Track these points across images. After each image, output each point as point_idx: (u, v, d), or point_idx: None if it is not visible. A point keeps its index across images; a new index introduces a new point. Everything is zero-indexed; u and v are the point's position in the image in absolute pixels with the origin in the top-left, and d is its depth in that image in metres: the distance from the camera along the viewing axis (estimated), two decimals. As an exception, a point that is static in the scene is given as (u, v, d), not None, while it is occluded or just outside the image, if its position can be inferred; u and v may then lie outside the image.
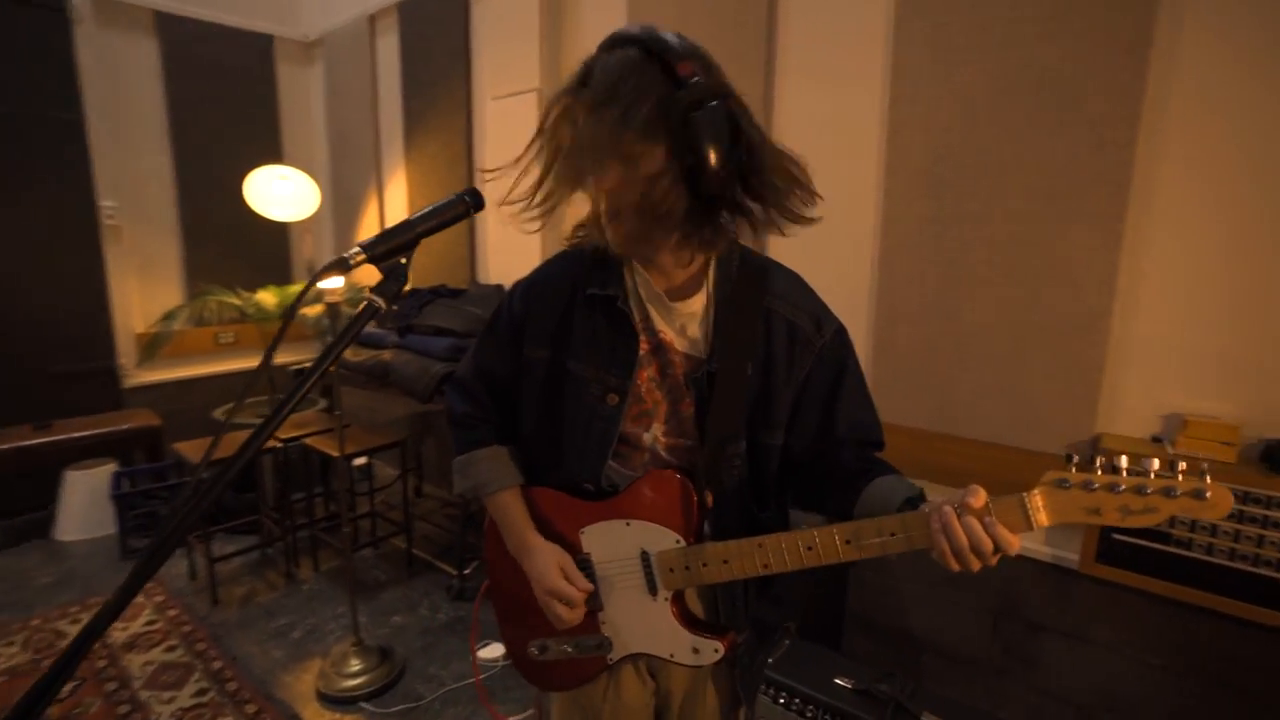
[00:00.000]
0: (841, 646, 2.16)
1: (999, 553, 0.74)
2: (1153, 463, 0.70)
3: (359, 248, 0.72)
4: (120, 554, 3.03)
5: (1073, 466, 0.73)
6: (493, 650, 2.34)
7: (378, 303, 0.71)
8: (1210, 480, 0.69)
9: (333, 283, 1.99)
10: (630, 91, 0.77)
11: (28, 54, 3.20)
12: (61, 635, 2.47)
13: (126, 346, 3.57)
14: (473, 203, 0.79)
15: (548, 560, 0.96)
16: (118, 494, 3.11)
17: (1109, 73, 1.61)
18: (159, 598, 2.70)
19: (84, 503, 3.20)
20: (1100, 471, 0.72)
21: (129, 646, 2.41)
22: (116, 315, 3.51)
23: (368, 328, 3.17)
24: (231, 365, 3.84)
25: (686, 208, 0.82)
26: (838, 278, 2.08)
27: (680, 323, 0.94)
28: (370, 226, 3.80)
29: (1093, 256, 1.67)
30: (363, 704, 2.12)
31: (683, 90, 0.77)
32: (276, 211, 3.55)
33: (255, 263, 3.92)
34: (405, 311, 2.89)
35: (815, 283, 1.02)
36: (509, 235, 3.02)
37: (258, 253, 3.94)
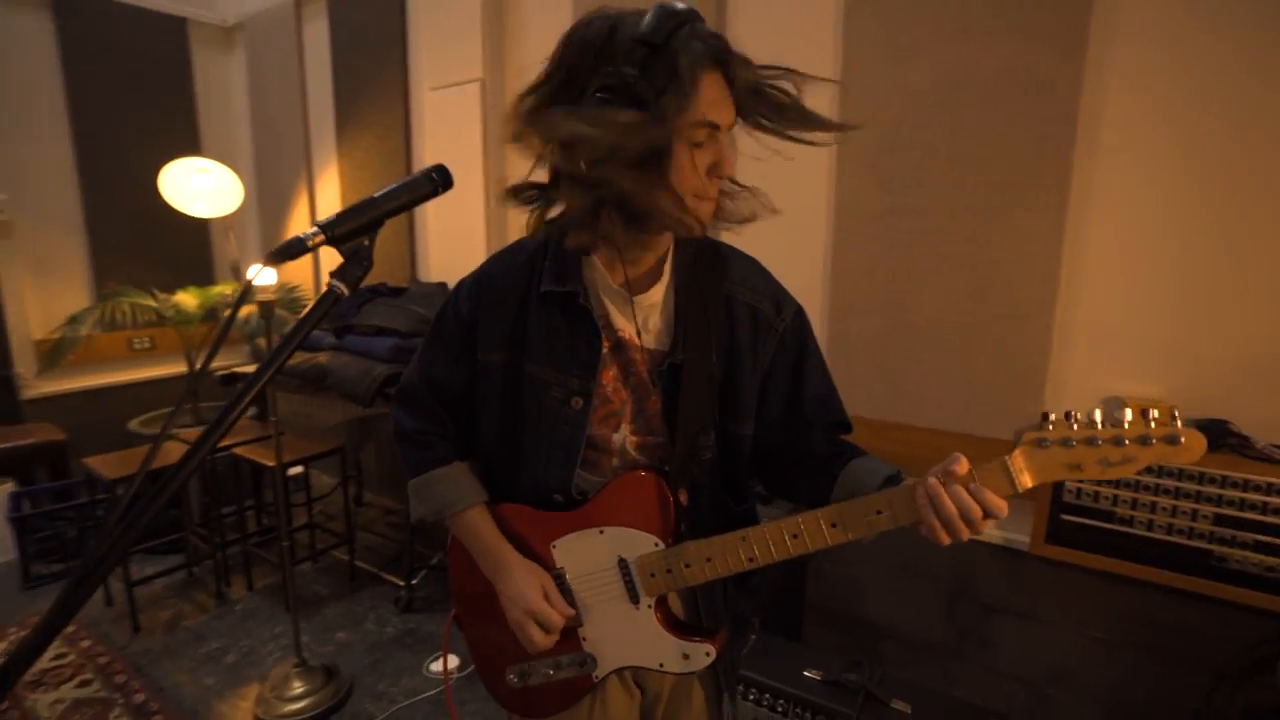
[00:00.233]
0: (801, 637, 2.18)
1: (988, 518, 0.73)
2: (1125, 413, 0.71)
3: (317, 227, 0.64)
4: (21, 582, 2.76)
5: (1049, 425, 0.73)
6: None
7: (340, 288, 0.65)
8: (1182, 425, 0.70)
9: (265, 279, 1.86)
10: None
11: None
12: (-46, 676, 2.22)
13: (24, 354, 3.26)
14: (440, 180, 0.72)
15: (529, 580, 0.90)
16: (16, 516, 2.83)
17: (1049, 70, 1.66)
18: (69, 628, 2.46)
19: (-23, 527, 2.90)
20: (1076, 427, 0.72)
21: (34, 684, 2.18)
22: (9, 319, 3.20)
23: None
24: (148, 372, 3.56)
25: None
26: (790, 271, 2.05)
27: (642, 316, 0.90)
28: (300, 223, 3.60)
29: (1037, 247, 1.73)
30: (307, 728, 1.99)
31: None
32: (196, 207, 3.32)
33: (173, 262, 3.65)
34: (342, 311, 2.74)
35: (767, 276, 1.00)
36: (452, 231, 2.91)
37: (175, 251, 3.67)
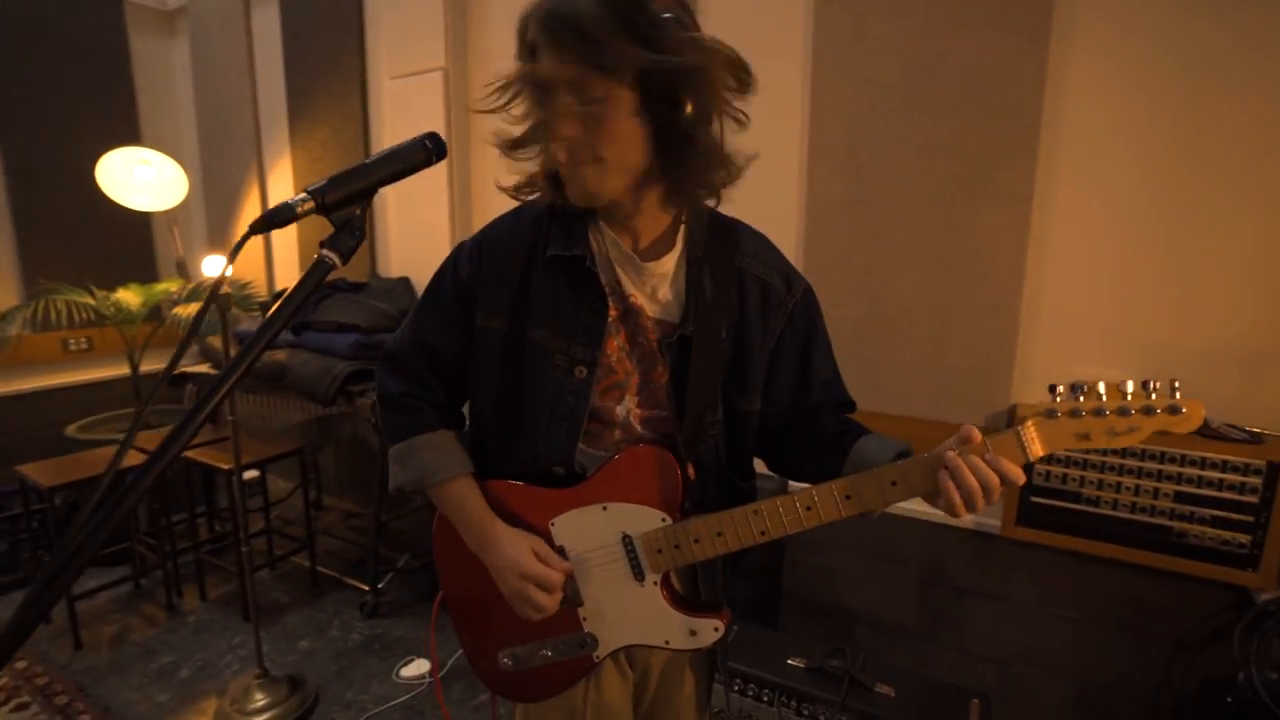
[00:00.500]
0: (779, 627, 2.18)
1: (1004, 487, 0.74)
2: (1129, 385, 0.73)
3: (307, 193, 0.60)
4: (-53, 600, 2.56)
5: (1057, 396, 0.75)
6: (417, 667, 2.17)
7: (331, 259, 0.60)
8: (1182, 395, 0.72)
9: (215, 270, 1.76)
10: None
11: None
12: (-128, 704, 2.04)
13: (-55, 356, 3.03)
14: (434, 149, 0.68)
15: (519, 545, 0.86)
16: (-59, 530, 2.63)
17: (1014, 65, 1.70)
18: None
19: (-105, 543, 2.68)
20: (1084, 399, 0.74)
21: (-34, 709, 2.03)
22: (-72, 318, 2.97)
23: (251, 325, 2.86)
24: (86, 374, 3.35)
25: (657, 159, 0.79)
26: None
27: (651, 285, 0.88)
28: (251, 216, 3.41)
29: (1004, 237, 1.77)
30: (271, 742, 1.90)
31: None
32: (137, 200, 3.14)
33: (111, 258, 3.44)
34: (300, 307, 2.63)
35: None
36: (414, 225, 2.83)
37: (114, 246, 3.47)
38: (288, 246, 3.34)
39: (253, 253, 3.45)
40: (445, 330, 0.92)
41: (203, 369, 2.82)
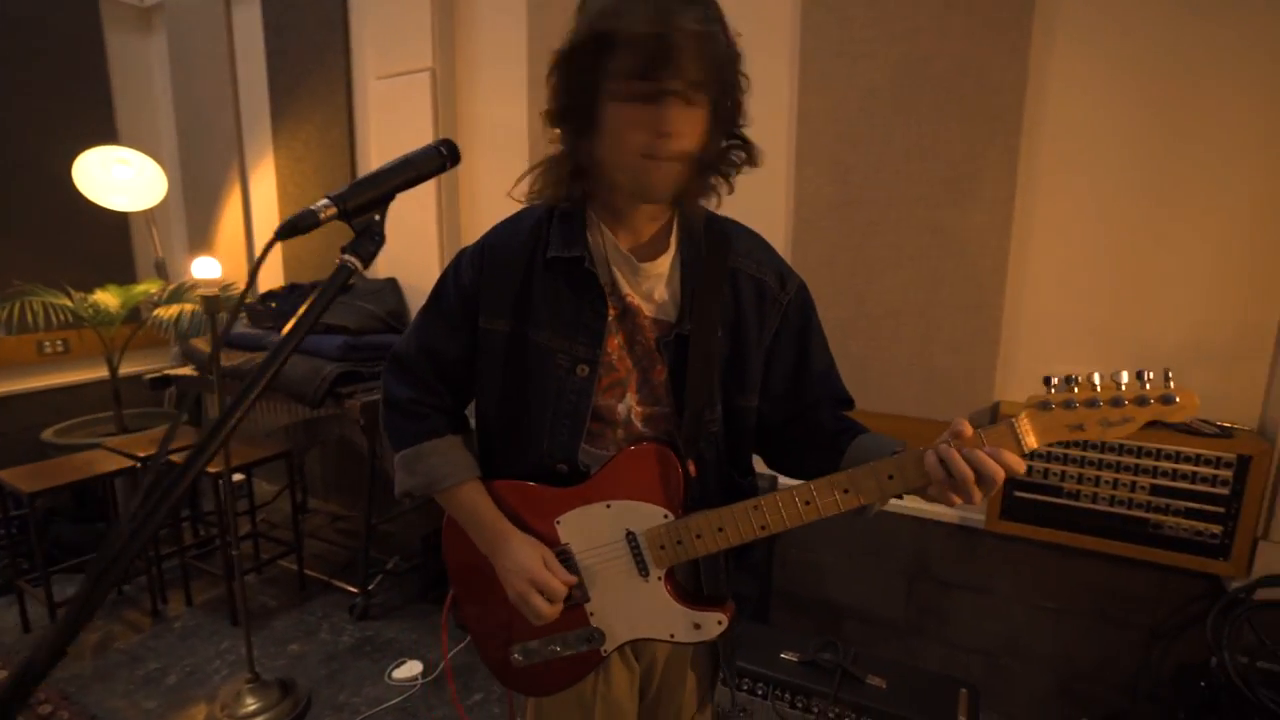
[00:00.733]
0: (769, 621, 2.21)
1: (1005, 476, 0.73)
2: (1122, 375, 0.73)
3: (329, 199, 0.61)
4: (-78, 610, 2.50)
5: (1051, 388, 0.75)
6: (409, 669, 2.17)
7: (353, 263, 0.61)
8: (1175, 385, 0.72)
9: (209, 273, 1.74)
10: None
11: None
12: None
13: (-87, 360, 2.96)
14: (449, 155, 0.70)
15: (529, 551, 0.88)
16: (-85, 538, 2.56)
17: (996, 70, 1.75)
18: (-19, 657, 2.26)
19: None
20: (1077, 390, 0.74)
21: (-54, 719, 1.98)
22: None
23: (240, 328, 2.83)
24: (62, 378, 3.29)
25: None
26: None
27: (648, 285, 0.90)
28: (233, 217, 3.41)
29: (987, 239, 1.82)
30: (262, 747, 1.89)
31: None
32: (116, 200, 3.10)
33: (89, 259, 3.38)
34: (286, 309, 2.61)
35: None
36: (401, 226, 2.81)
37: (92, 247, 3.41)
38: (272, 251, 3.29)
39: (234, 254, 3.41)
40: (450, 335, 0.94)
41: (185, 371, 2.77)
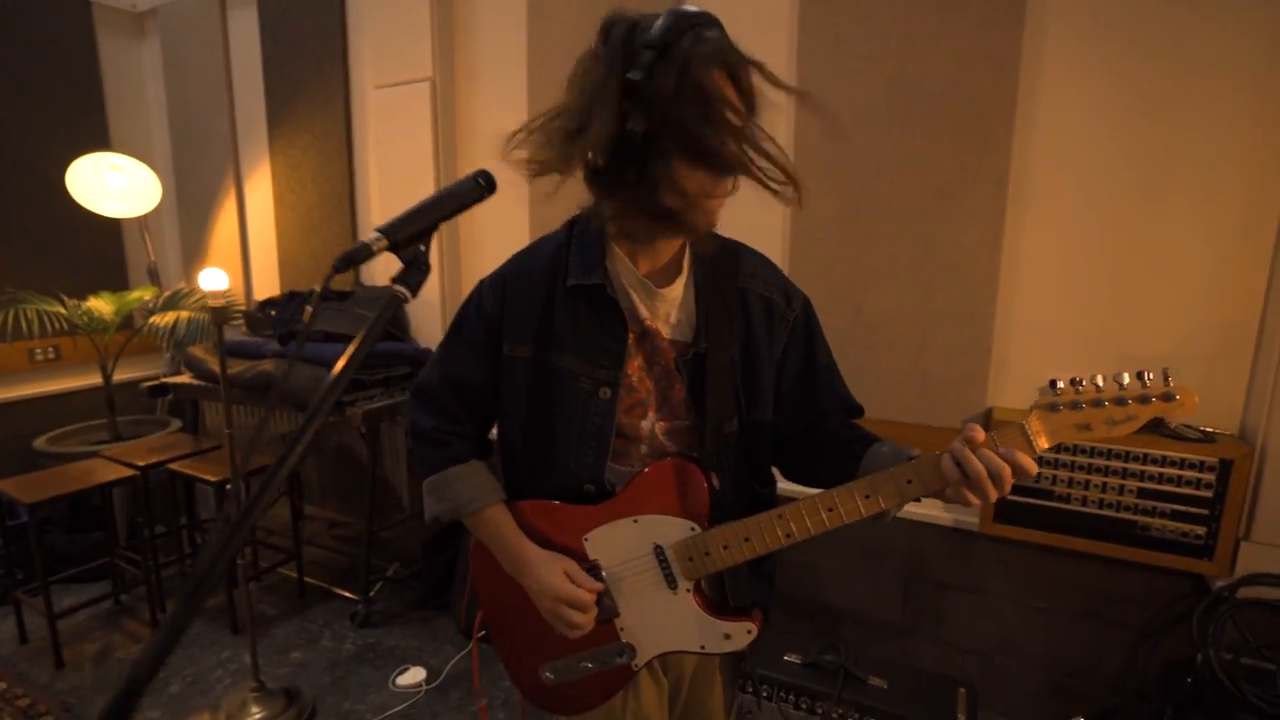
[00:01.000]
0: (769, 623, 2.25)
1: (1016, 477, 0.76)
2: (1124, 376, 0.77)
3: (379, 233, 0.64)
4: (-84, 622, 2.48)
5: (1058, 390, 0.78)
6: (413, 675, 2.19)
7: (403, 294, 0.64)
8: (1175, 383, 0.76)
9: (218, 284, 1.76)
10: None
11: None
12: None
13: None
14: (486, 185, 0.73)
15: (551, 567, 0.91)
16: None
17: (986, 89, 1.80)
18: (-21, 669, 2.24)
19: None
20: (1082, 391, 0.77)
21: (-55, 733, 1.98)
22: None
23: (240, 335, 2.83)
24: (55, 385, 3.26)
25: None
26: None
27: (664, 308, 0.94)
28: (228, 223, 3.40)
29: (978, 251, 1.87)
30: (269, 755, 1.90)
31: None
32: (109, 206, 3.09)
33: (81, 265, 3.35)
34: (285, 317, 2.62)
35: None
36: (400, 233, 2.83)
37: (84, 254, 3.38)
38: (266, 257, 3.30)
39: (231, 263, 3.40)
40: (473, 362, 0.97)
41: (184, 379, 2.77)
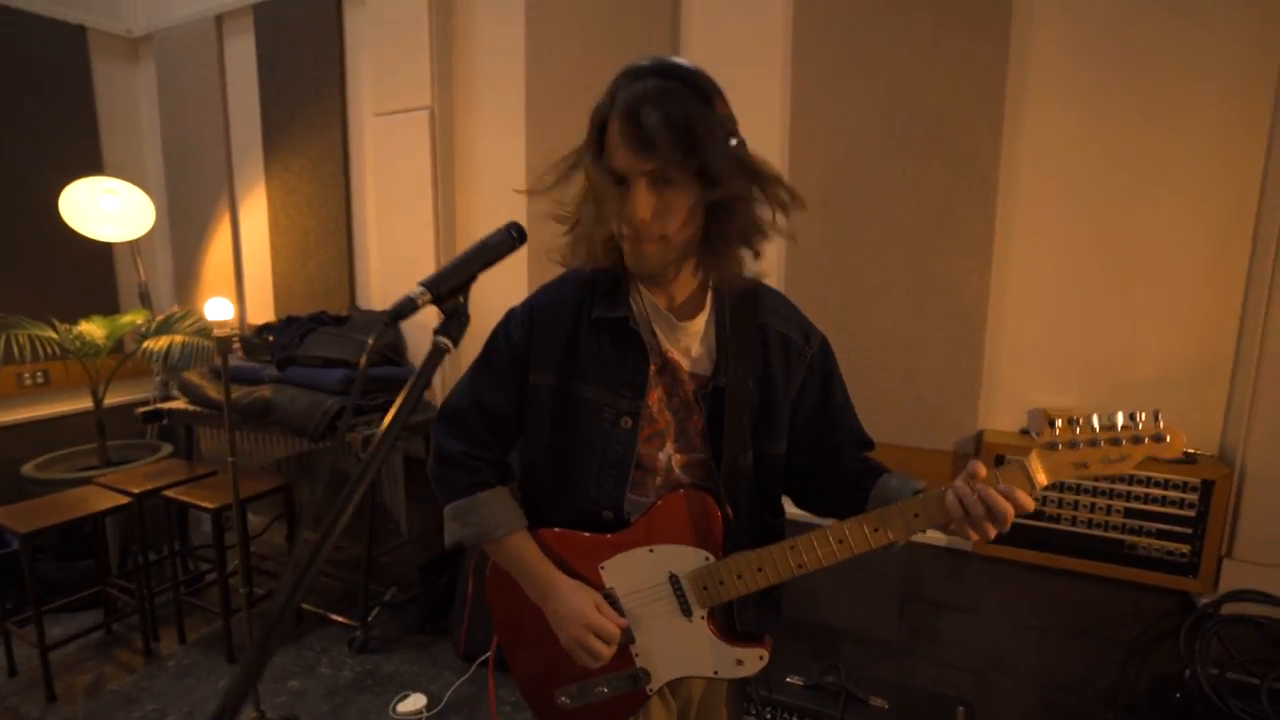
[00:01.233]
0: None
1: (1017, 514, 0.82)
2: (1118, 416, 0.81)
3: (423, 287, 0.67)
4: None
5: (1055, 430, 0.83)
6: (413, 702, 2.18)
7: (446, 344, 0.68)
8: (1164, 424, 0.81)
9: (223, 314, 1.77)
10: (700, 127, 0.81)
11: None
12: None
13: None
14: (518, 236, 0.77)
15: (581, 597, 0.94)
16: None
17: (974, 120, 1.88)
18: (-32, 703, 2.20)
19: None
20: (1079, 431, 0.83)
21: (-65, 769, 1.94)
22: None
23: (236, 360, 2.83)
24: (44, 410, 3.23)
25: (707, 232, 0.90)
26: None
27: (686, 342, 0.98)
28: (221, 247, 3.41)
29: (968, 276, 1.94)
30: (270, 786, 1.88)
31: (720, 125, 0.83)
32: (103, 230, 3.09)
33: (71, 289, 3.34)
34: (284, 342, 2.62)
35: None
36: (397, 259, 2.85)
37: (74, 277, 3.37)
38: (260, 281, 3.31)
39: (224, 287, 3.40)
40: (500, 390, 1.00)
41: (179, 405, 2.76)
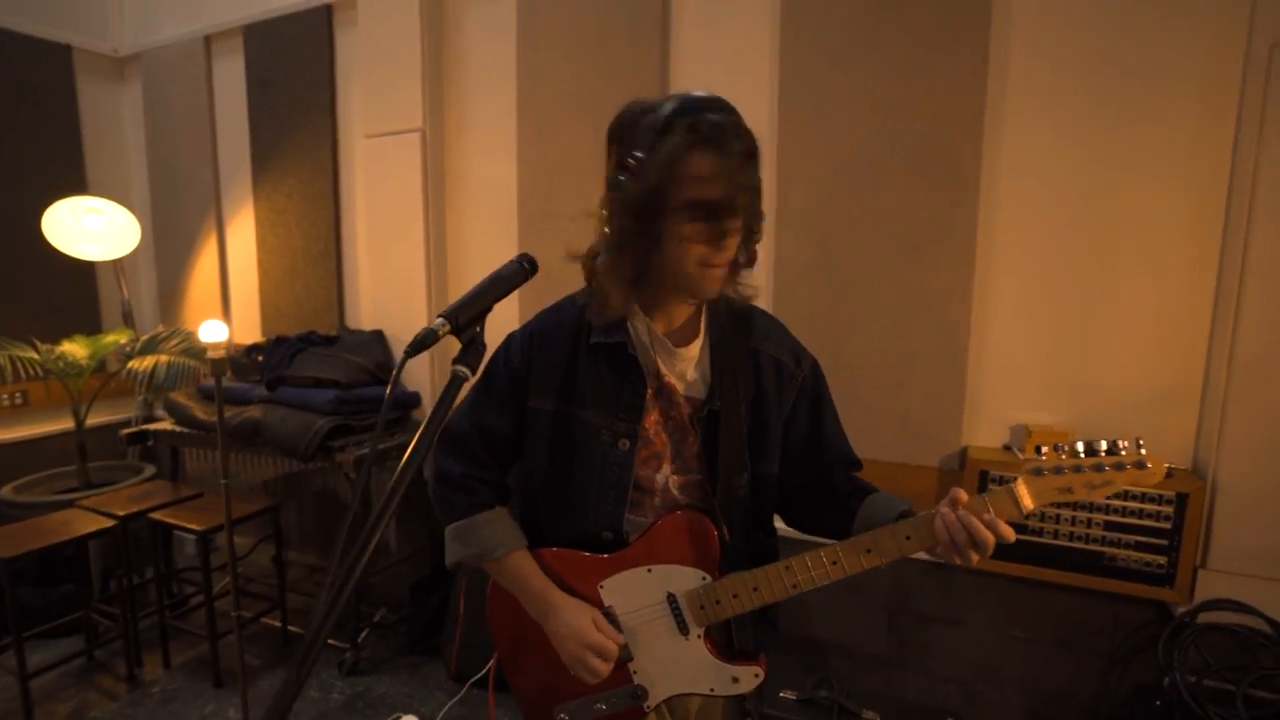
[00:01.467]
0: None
1: (992, 542, 0.85)
2: (1101, 444, 0.85)
3: (442, 319, 0.70)
4: None
5: (1041, 457, 0.87)
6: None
7: (464, 373, 0.70)
8: (1146, 452, 0.85)
9: (217, 336, 1.77)
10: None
11: None
12: None
13: None
14: (530, 268, 0.80)
15: (580, 615, 0.96)
16: None
17: (956, 145, 1.95)
18: (-56, 734, 2.15)
19: None
20: (1065, 457, 0.86)
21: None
22: None
23: (227, 382, 2.81)
24: (20, 431, 3.17)
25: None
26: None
27: (681, 366, 1.01)
28: (207, 266, 3.39)
29: (952, 296, 2.00)
30: (259, 813, 1.86)
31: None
32: (87, 249, 3.06)
33: (53, 308, 3.30)
34: (273, 362, 2.62)
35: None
36: (388, 280, 2.86)
37: (56, 297, 3.33)
38: (248, 301, 3.30)
39: (210, 306, 3.39)
40: (500, 413, 1.03)
41: (165, 426, 2.74)
